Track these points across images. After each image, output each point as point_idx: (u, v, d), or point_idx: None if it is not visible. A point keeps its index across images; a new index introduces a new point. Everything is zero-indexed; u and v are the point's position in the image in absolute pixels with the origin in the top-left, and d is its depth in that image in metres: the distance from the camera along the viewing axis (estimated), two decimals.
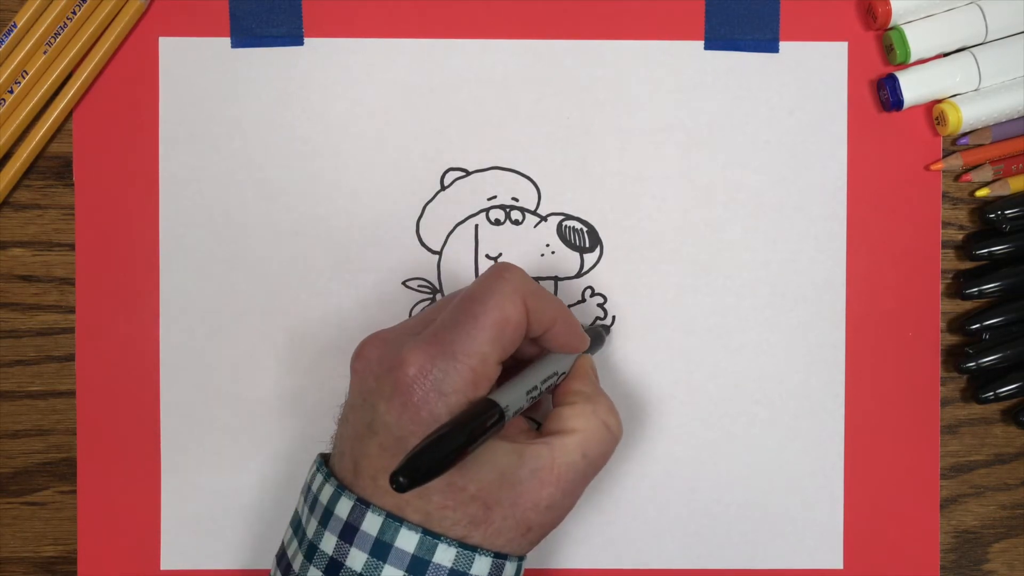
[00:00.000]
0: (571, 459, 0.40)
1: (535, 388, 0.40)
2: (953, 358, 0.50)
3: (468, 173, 0.49)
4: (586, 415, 0.41)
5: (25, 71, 0.47)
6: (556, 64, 0.49)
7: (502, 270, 0.40)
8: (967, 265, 0.50)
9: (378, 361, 0.39)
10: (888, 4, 0.47)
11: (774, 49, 0.49)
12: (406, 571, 0.37)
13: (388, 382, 0.38)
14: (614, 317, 0.49)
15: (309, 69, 0.49)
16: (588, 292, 0.49)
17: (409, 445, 0.37)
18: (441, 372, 0.37)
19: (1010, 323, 0.49)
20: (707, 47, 0.49)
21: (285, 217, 0.49)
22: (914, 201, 0.49)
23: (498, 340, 0.39)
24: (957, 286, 0.50)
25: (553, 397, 0.43)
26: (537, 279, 0.49)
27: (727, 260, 0.49)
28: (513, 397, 0.39)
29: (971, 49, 0.48)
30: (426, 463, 0.34)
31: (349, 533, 0.38)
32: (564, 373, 0.43)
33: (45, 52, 0.47)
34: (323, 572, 0.38)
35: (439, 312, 0.40)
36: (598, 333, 0.47)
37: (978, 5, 0.48)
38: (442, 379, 0.37)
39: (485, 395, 0.38)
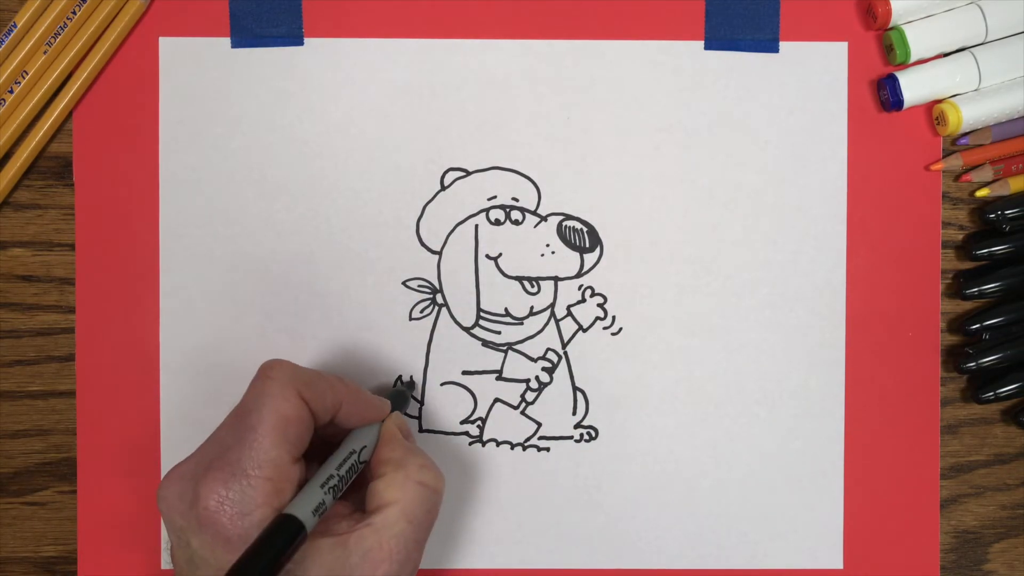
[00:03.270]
0: (397, 530, 0.39)
1: (333, 477, 0.40)
2: (953, 358, 0.50)
3: (468, 173, 0.49)
4: (399, 483, 0.41)
5: (25, 71, 0.47)
6: (556, 64, 0.49)
7: (267, 369, 0.40)
8: (967, 265, 0.50)
9: (179, 498, 0.39)
10: (888, 4, 0.47)
11: (774, 49, 0.49)
12: None
13: (192, 518, 0.38)
14: (613, 317, 0.49)
15: (309, 69, 0.49)
16: (588, 292, 0.49)
17: None
18: (238, 494, 0.37)
19: (1010, 323, 0.49)
20: (707, 47, 0.49)
21: (285, 217, 0.49)
22: (914, 201, 0.49)
23: (284, 442, 0.39)
24: (957, 286, 0.50)
25: (371, 470, 0.43)
26: (537, 279, 0.49)
27: (727, 260, 0.49)
28: (313, 499, 0.39)
29: (971, 49, 0.48)
30: None
31: None
32: (372, 445, 0.43)
33: (45, 52, 0.47)
34: None
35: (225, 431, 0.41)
36: (400, 393, 0.47)
37: (978, 5, 0.48)
38: (241, 500, 0.37)
39: (289, 500, 0.38)
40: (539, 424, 0.49)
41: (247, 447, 0.38)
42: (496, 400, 0.49)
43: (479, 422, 0.49)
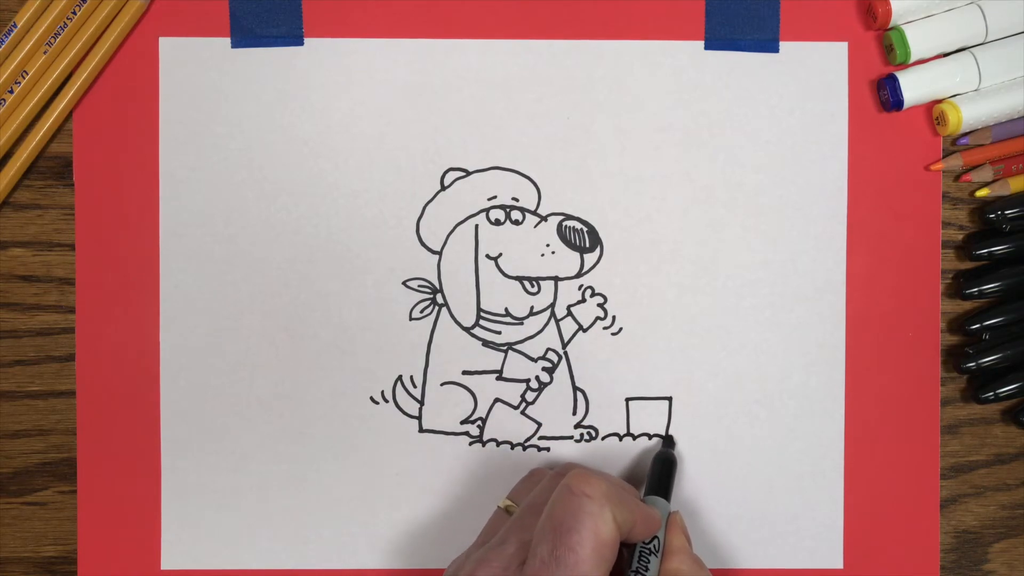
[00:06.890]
0: None
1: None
2: (953, 358, 0.50)
3: (468, 173, 0.49)
4: None
5: (25, 71, 0.47)
6: (556, 64, 0.49)
7: (583, 484, 0.39)
8: (967, 265, 0.50)
9: None
10: (888, 4, 0.47)
11: (774, 49, 0.49)
12: None
13: None
14: (613, 317, 0.49)
15: (309, 69, 0.49)
16: (588, 292, 0.49)
17: None
18: None
19: (1010, 323, 0.49)
20: (707, 47, 0.49)
21: (285, 217, 0.49)
22: (914, 201, 0.49)
23: (601, 564, 0.38)
24: (957, 286, 0.50)
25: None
26: (537, 279, 0.49)
27: (727, 260, 0.49)
28: None
29: (971, 49, 0.48)
30: None
31: None
32: (656, 538, 0.43)
33: (45, 52, 0.47)
34: None
35: (524, 533, 0.40)
36: (664, 459, 0.47)
37: (978, 5, 0.48)
38: None
39: None
40: (539, 424, 0.49)
41: (565, 567, 0.38)
42: (496, 400, 0.49)
43: (479, 422, 0.49)
